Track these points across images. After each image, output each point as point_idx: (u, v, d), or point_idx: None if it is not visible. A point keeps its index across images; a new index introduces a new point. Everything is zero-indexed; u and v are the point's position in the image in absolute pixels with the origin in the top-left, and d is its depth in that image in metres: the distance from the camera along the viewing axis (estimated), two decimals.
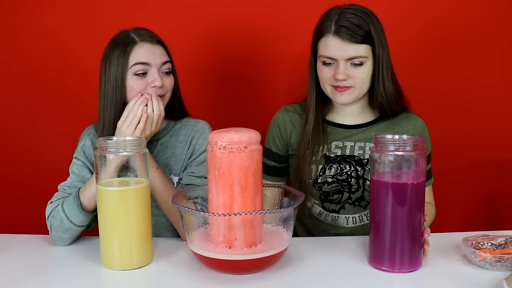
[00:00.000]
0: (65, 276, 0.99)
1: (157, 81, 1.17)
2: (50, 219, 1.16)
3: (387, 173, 0.97)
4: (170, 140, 1.29)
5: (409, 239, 0.95)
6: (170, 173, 1.27)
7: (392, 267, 0.96)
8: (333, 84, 1.22)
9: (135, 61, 1.17)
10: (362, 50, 1.18)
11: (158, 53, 1.20)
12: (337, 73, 1.19)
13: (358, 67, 1.20)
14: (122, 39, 1.20)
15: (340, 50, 1.18)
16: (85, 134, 1.30)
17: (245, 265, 0.94)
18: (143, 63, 1.17)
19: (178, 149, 1.29)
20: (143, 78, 1.18)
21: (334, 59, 1.20)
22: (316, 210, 1.33)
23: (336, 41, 1.18)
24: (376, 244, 0.99)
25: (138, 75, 1.17)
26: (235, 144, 0.94)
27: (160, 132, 1.29)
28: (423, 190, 0.97)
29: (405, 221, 0.95)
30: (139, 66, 1.17)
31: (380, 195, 0.96)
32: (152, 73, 1.18)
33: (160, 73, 1.19)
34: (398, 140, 0.95)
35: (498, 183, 1.73)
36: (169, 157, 1.28)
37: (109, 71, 1.18)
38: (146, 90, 1.18)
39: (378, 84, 1.23)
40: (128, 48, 1.17)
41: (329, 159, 1.29)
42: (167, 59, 1.22)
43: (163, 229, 1.31)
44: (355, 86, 1.21)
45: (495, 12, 1.64)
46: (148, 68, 1.18)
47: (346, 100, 1.24)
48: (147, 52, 1.18)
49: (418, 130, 1.31)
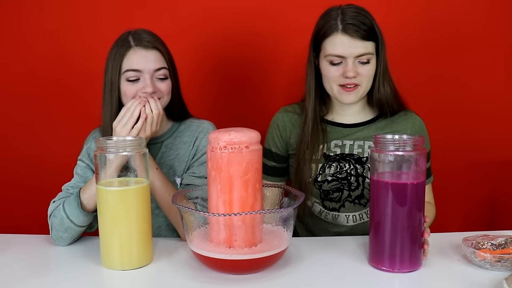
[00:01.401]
0: (65, 276, 0.99)
1: (148, 87, 1.17)
2: (52, 218, 1.16)
3: (387, 173, 0.97)
4: (175, 142, 1.30)
5: (409, 239, 0.95)
6: (175, 175, 1.27)
7: (392, 267, 0.96)
8: (341, 83, 1.23)
9: (127, 67, 1.18)
10: (369, 46, 1.20)
11: (152, 59, 1.19)
12: (347, 71, 1.20)
13: (365, 65, 1.21)
14: (121, 42, 1.21)
15: (350, 48, 1.19)
16: (90, 137, 1.31)
17: (245, 265, 0.94)
18: (134, 70, 1.18)
19: (182, 150, 1.29)
20: (135, 83, 1.19)
21: (343, 57, 1.20)
22: (316, 208, 1.34)
23: (345, 38, 1.19)
24: (376, 244, 0.99)
25: (130, 81, 1.18)
26: (235, 144, 0.94)
27: (164, 134, 1.30)
28: (423, 190, 0.97)
29: (405, 221, 0.95)
30: (130, 73, 1.18)
31: (380, 195, 0.96)
32: (143, 79, 1.19)
33: (153, 79, 1.19)
34: (398, 140, 0.95)
35: (498, 183, 1.73)
36: (173, 159, 1.28)
37: (106, 73, 1.21)
38: (138, 95, 1.18)
39: (379, 81, 1.25)
40: (122, 53, 1.18)
41: (329, 157, 1.30)
42: (162, 65, 1.21)
43: (162, 229, 1.31)
44: (362, 84, 1.23)
45: (495, 12, 1.64)
46: (140, 75, 1.18)
47: (353, 100, 1.25)
48: (139, 59, 1.18)
49: (416, 128, 1.32)
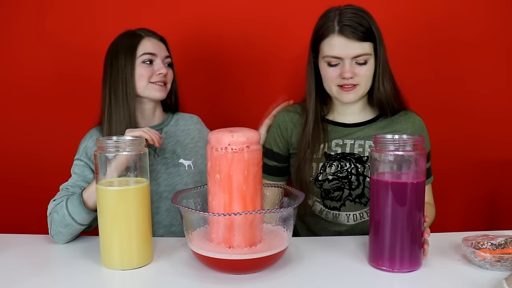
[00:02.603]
0: (65, 276, 0.99)
1: (162, 69, 1.31)
2: (52, 214, 1.17)
3: (387, 173, 0.97)
4: (172, 130, 1.40)
5: (409, 239, 0.95)
6: (179, 157, 1.37)
7: (392, 267, 0.97)
8: (339, 83, 1.24)
9: (143, 51, 1.29)
10: (366, 47, 1.21)
11: (162, 47, 1.34)
12: (344, 72, 1.21)
13: (363, 66, 1.22)
14: (128, 36, 1.32)
15: (346, 49, 1.20)
16: (87, 136, 1.31)
17: (245, 265, 0.94)
18: (151, 53, 1.30)
19: (181, 137, 1.39)
20: (150, 66, 1.30)
21: (340, 58, 1.21)
22: (317, 208, 1.34)
23: (341, 40, 1.20)
24: (376, 244, 0.99)
25: (146, 63, 1.29)
26: (235, 144, 0.94)
27: (162, 123, 1.40)
28: (423, 189, 0.97)
29: (405, 220, 0.95)
30: (147, 56, 1.29)
31: (380, 194, 0.96)
32: (157, 63, 1.31)
33: (164, 64, 1.32)
34: (398, 140, 0.95)
35: (498, 183, 1.73)
36: (174, 145, 1.38)
37: (114, 70, 1.29)
38: (152, 78, 1.30)
39: (378, 81, 1.25)
40: (135, 42, 1.30)
41: (330, 157, 1.31)
42: (168, 54, 1.36)
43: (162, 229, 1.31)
44: (360, 84, 1.24)
45: (495, 12, 1.64)
46: (154, 58, 1.31)
47: (352, 99, 1.26)
48: (153, 45, 1.31)
49: (416, 128, 1.33)
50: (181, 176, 1.34)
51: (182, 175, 1.34)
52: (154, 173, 1.31)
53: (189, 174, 1.35)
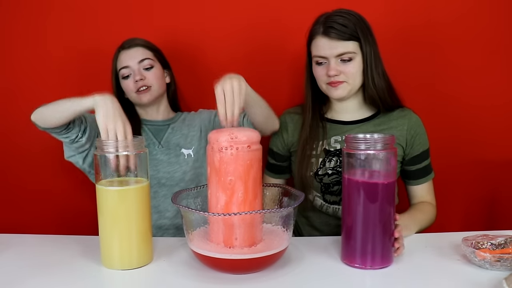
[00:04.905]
0: (65, 276, 0.99)
1: (137, 76, 1.38)
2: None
3: (358, 172, 0.98)
4: (178, 125, 1.49)
5: (380, 236, 0.97)
6: (181, 148, 1.44)
7: (364, 264, 0.98)
8: (327, 81, 1.30)
9: (120, 67, 1.41)
10: (349, 46, 1.25)
11: (134, 54, 1.40)
12: (329, 70, 1.27)
13: (348, 63, 1.27)
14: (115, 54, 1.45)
15: (329, 48, 1.26)
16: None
17: (245, 265, 0.94)
18: (124, 67, 1.40)
19: (185, 130, 1.47)
20: (129, 79, 1.40)
21: (325, 57, 1.27)
22: (317, 202, 1.38)
23: (325, 40, 1.26)
24: (348, 242, 1.00)
25: (124, 77, 1.41)
26: (235, 144, 0.94)
27: (171, 119, 1.50)
28: (393, 188, 0.99)
29: (376, 218, 0.96)
30: (122, 71, 1.41)
31: (351, 193, 0.98)
32: (132, 72, 1.40)
33: (140, 70, 1.40)
34: (369, 139, 0.96)
35: (498, 183, 1.73)
36: (179, 138, 1.45)
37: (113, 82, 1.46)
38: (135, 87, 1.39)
39: (368, 78, 1.30)
40: (115, 61, 1.43)
41: (329, 152, 1.35)
42: (145, 56, 1.41)
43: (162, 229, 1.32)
44: (348, 81, 1.29)
45: (495, 12, 1.64)
46: (129, 70, 1.40)
47: (341, 94, 1.30)
48: (126, 57, 1.40)
49: (413, 125, 1.35)
50: (180, 165, 1.40)
51: (181, 164, 1.40)
52: (156, 161, 1.39)
53: (188, 162, 1.41)
